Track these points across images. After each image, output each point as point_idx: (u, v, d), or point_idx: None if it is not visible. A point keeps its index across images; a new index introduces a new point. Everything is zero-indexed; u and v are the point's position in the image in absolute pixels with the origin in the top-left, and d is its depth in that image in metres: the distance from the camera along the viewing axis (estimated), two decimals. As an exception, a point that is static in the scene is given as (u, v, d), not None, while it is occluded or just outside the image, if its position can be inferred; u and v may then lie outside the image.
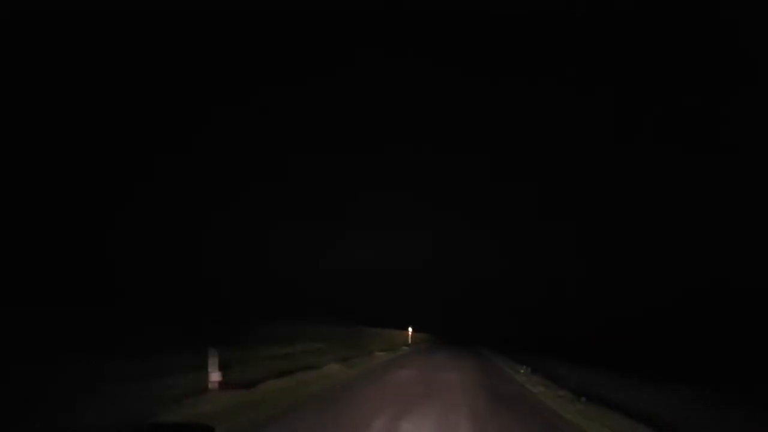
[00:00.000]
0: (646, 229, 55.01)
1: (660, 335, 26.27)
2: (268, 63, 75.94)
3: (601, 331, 29.75)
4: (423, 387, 8.84)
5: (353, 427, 5.29)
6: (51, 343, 8.29)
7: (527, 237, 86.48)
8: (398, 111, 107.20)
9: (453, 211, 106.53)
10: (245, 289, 38.90)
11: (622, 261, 50.76)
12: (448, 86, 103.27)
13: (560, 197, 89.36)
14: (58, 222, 29.09)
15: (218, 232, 56.38)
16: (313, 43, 75.92)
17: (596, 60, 73.46)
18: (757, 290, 27.92)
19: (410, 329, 32.13)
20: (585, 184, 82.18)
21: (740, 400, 10.25)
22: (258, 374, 8.19)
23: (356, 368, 11.93)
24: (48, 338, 8.95)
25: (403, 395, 7.69)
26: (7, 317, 10.75)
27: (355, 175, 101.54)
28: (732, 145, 48.01)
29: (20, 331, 9.15)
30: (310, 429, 5.18)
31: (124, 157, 41.50)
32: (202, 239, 49.61)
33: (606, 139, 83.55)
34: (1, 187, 25.42)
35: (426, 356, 19.19)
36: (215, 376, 6.50)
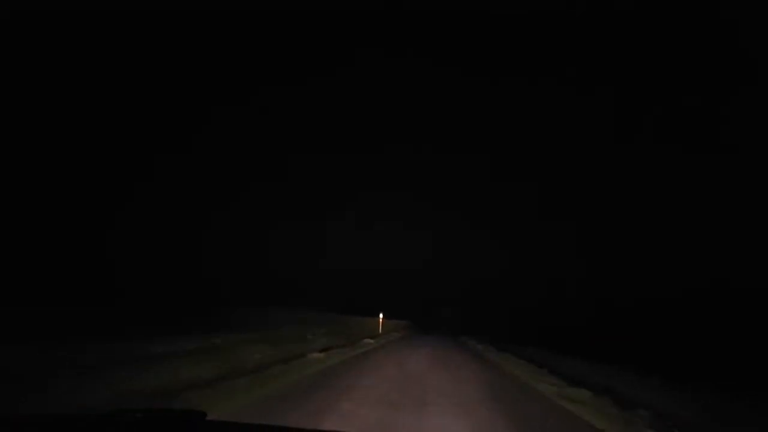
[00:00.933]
0: (646, 229, 55.04)
1: (661, 334, 26.30)
2: (268, 63, 76.08)
3: (601, 331, 29.76)
4: None
5: None
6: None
7: (527, 237, 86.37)
8: (398, 111, 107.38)
9: (453, 211, 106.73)
10: (245, 289, 38.94)
11: (623, 261, 50.79)
12: (448, 86, 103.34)
13: (560, 197, 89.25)
14: (58, 222, 29.12)
15: (218, 232, 56.39)
16: (313, 43, 75.94)
17: (596, 60, 73.37)
18: (757, 290, 27.92)
19: (381, 315, 27.15)
20: (585, 184, 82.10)
21: (740, 399, 10.26)
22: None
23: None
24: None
25: None
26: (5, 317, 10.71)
27: (355, 175, 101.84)
28: (732, 145, 47.93)
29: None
30: None
31: (124, 157, 41.52)
32: (202, 239, 49.60)
33: (606, 139, 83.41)
34: (0, 186, 25.44)
35: (398, 360, 12.47)
36: None
